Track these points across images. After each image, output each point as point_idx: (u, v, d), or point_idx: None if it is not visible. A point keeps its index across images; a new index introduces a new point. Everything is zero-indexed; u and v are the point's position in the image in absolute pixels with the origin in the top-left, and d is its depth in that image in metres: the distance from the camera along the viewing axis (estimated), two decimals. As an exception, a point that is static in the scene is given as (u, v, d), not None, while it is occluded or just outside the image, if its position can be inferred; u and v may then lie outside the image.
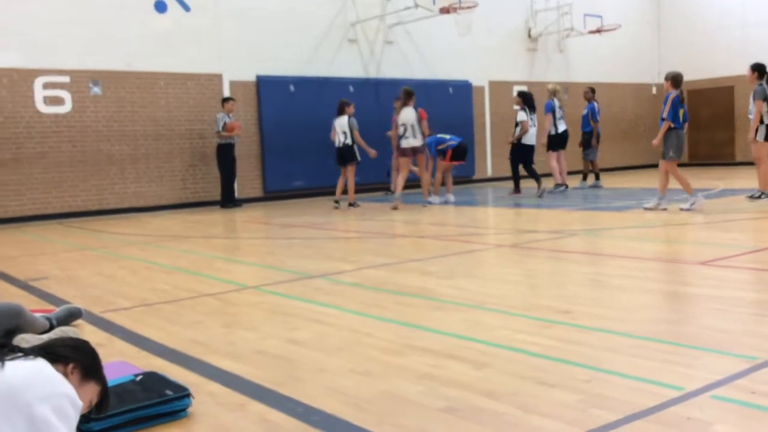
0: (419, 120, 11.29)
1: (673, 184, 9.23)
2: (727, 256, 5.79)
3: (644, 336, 3.58)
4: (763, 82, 10.04)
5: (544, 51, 18.09)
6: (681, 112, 9.03)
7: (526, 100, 12.68)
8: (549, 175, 13.54)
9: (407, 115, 11.30)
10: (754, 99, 10.10)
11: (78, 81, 11.79)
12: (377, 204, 12.33)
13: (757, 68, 10.14)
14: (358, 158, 11.71)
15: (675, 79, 9.12)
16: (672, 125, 8.96)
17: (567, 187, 13.25)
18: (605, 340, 3.52)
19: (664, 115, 9.02)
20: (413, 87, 11.43)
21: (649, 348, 3.36)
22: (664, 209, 9.00)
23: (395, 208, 11.06)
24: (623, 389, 2.80)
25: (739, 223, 8.11)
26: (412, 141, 11.30)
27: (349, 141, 11.58)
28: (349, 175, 11.68)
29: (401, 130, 11.34)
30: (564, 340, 3.53)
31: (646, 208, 9.12)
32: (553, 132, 13.22)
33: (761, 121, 9.95)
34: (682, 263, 5.52)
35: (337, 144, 11.72)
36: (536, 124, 12.94)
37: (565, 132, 13.35)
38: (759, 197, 9.95)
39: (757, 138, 9.98)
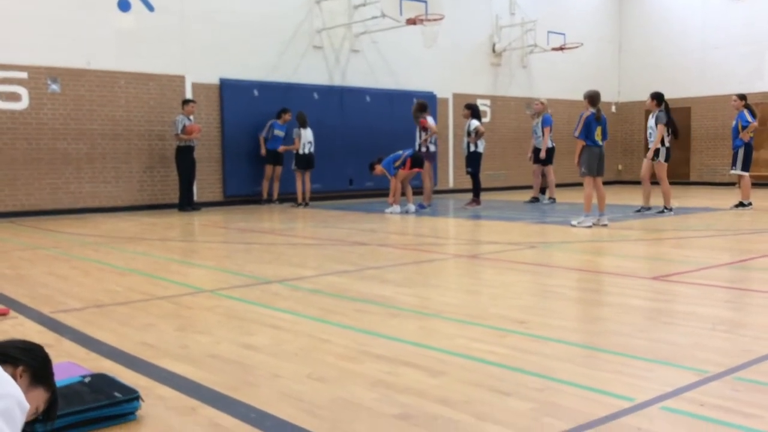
0: (421, 129, 12.54)
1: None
2: (679, 271, 5.92)
3: (597, 347, 3.63)
4: (662, 108, 10.56)
5: (508, 66, 18.31)
6: (598, 130, 9.25)
7: (474, 111, 12.86)
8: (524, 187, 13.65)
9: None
10: (656, 123, 10.57)
11: (36, 77, 11.53)
12: (337, 212, 12.30)
13: (656, 96, 10.64)
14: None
15: (591, 98, 9.39)
16: (584, 143, 9.20)
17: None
18: (559, 350, 3.55)
19: (576, 133, 9.31)
20: (378, 96, 11.72)
21: (602, 359, 3.40)
22: (605, 225, 9.23)
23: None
24: (575, 399, 2.83)
25: (692, 240, 8.30)
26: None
27: (313, 150, 13.13)
28: (307, 179, 13.23)
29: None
30: (519, 350, 3.55)
31: (593, 224, 9.28)
32: (551, 145, 13.54)
33: (662, 143, 10.52)
34: (636, 277, 5.62)
35: (301, 152, 13.02)
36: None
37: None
38: (662, 212, 10.68)
39: (658, 159, 10.54)
